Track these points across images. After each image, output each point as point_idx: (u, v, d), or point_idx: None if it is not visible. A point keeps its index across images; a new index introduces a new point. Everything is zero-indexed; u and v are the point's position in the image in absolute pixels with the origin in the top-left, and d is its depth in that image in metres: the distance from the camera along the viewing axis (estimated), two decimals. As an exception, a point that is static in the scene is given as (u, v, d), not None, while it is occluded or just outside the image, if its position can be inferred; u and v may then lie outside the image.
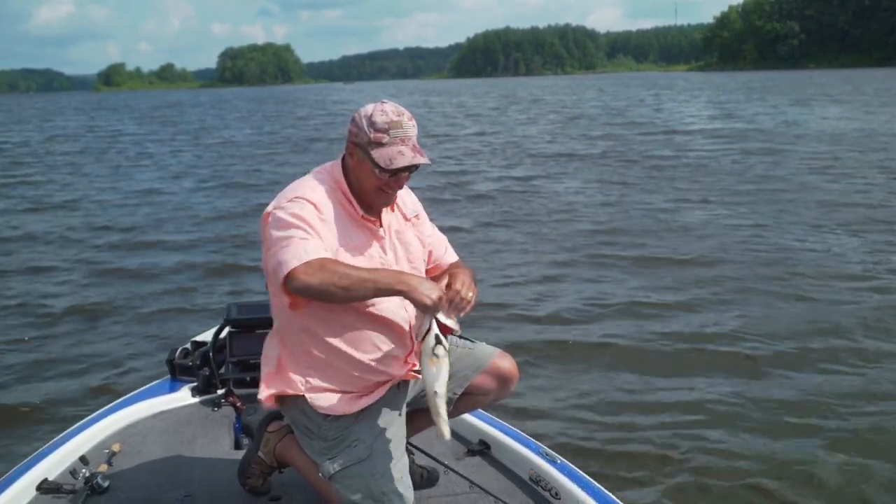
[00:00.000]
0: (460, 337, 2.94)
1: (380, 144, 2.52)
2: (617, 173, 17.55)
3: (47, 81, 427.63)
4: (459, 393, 2.90)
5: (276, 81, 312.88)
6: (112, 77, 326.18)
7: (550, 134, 28.19)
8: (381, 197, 2.62)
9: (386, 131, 2.52)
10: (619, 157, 20.52)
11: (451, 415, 2.63)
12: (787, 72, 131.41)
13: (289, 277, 2.34)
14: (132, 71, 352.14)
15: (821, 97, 47.01)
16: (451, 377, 2.54)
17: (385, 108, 2.56)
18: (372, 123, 2.53)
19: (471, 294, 2.53)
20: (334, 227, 2.55)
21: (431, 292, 2.42)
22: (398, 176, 2.57)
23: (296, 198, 2.54)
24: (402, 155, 2.51)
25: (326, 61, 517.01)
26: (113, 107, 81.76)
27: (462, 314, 2.52)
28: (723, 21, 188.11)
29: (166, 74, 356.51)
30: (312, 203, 2.52)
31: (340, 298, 2.40)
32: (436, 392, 2.48)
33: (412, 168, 2.58)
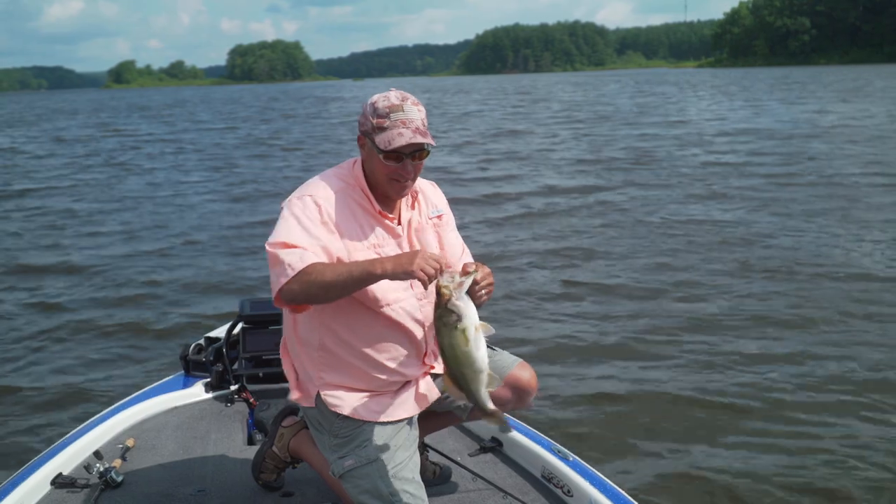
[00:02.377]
0: None
1: (382, 129, 2.53)
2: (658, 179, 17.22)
3: (58, 79, 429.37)
4: None
5: (286, 78, 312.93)
6: (122, 74, 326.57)
7: (583, 138, 26.96)
8: (393, 186, 2.60)
9: (387, 115, 2.53)
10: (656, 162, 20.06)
11: (464, 421, 2.60)
12: (798, 68, 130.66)
13: (279, 294, 2.41)
14: (142, 68, 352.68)
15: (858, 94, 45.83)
16: None
17: (388, 95, 2.58)
18: (375, 110, 2.55)
19: (486, 281, 2.43)
20: (342, 226, 2.54)
21: (410, 264, 2.31)
22: (404, 162, 2.55)
23: (305, 196, 2.56)
24: (402, 136, 2.51)
25: (336, 58, 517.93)
26: (123, 106, 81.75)
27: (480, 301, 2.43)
28: (733, 17, 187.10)
29: (176, 71, 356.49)
30: (319, 204, 2.53)
31: (326, 299, 2.42)
32: (482, 369, 2.40)
33: (419, 153, 2.56)
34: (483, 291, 2.43)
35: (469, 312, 2.35)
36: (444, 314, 2.35)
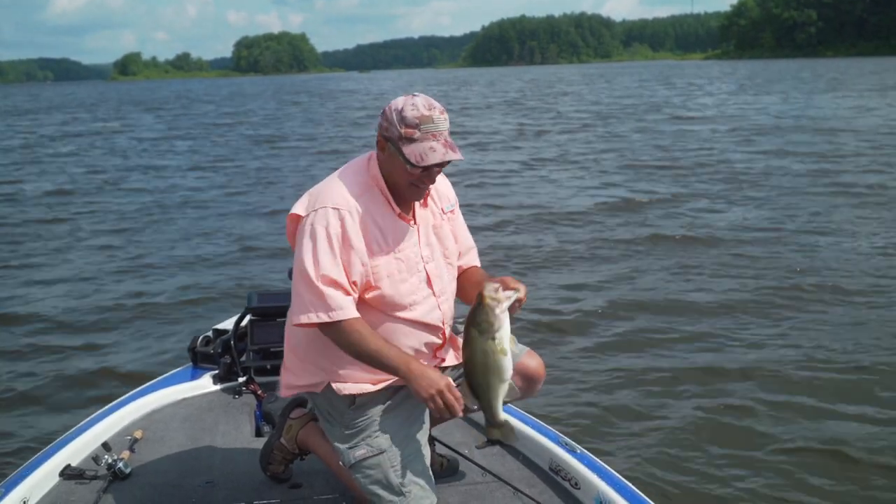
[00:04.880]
0: None
1: (411, 140, 2.47)
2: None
3: (64, 71, 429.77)
4: None
5: (292, 70, 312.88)
6: (128, 66, 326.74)
7: (608, 135, 26.14)
8: (413, 192, 2.59)
9: (417, 126, 2.46)
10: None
11: (472, 412, 2.62)
12: (805, 60, 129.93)
13: (310, 325, 2.56)
14: (148, 60, 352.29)
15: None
16: None
17: (416, 102, 2.50)
18: (402, 118, 2.47)
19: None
20: (365, 236, 2.53)
21: (430, 387, 2.48)
22: (430, 171, 2.54)
23: (327, 207, 2.52)
24: (434, 151, 2.47)
25: (341, 50, 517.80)
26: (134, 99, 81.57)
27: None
28: (740, 9, 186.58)
29: (182, 63, 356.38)
30: (342, 217, 2.51)
31: (344, 350, 2.59)
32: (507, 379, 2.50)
33: (444, 163, 2.55)
34: (518, 305, 2.51)
35: (507, 325, 2.43)
36: (483, 323, 2.41)
